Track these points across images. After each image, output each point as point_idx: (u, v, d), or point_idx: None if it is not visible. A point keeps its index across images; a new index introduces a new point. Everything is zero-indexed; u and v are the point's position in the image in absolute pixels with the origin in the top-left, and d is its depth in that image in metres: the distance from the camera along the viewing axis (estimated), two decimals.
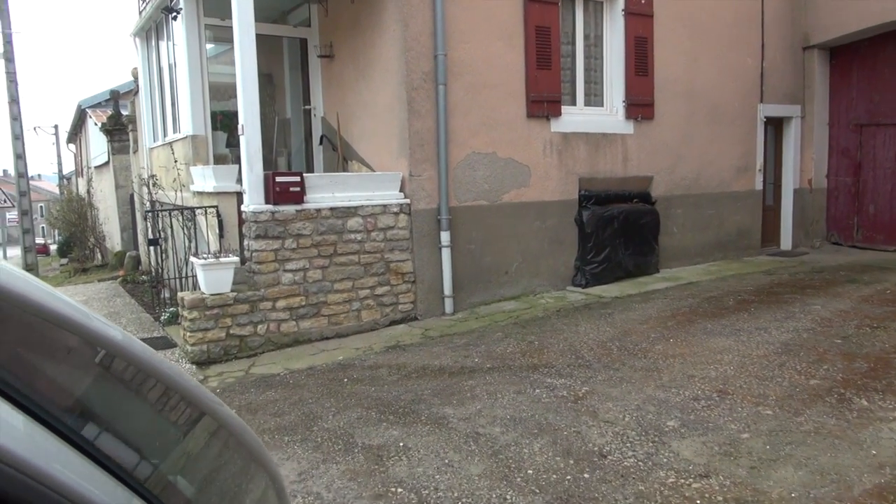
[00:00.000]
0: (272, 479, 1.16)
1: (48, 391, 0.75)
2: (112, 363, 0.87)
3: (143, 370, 0.91)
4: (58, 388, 0.79)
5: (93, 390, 0.86)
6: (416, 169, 7.09)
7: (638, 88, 8.71)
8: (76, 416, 0.78)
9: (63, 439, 0.71)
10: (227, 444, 1.07)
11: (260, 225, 6.27)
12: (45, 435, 0.69)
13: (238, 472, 1.10)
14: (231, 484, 1.07)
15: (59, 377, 0.81)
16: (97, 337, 0.84)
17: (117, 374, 0.90)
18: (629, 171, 8.77)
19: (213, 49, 9.79)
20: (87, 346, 0.83)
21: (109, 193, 16.72)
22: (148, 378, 0.93)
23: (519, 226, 7.86)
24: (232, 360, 6.19)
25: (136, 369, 0.90)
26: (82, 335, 0.82)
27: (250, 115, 6.27)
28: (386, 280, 7.00)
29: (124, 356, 0.88)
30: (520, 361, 5.47)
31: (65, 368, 0.83)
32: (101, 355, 0.85)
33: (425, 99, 7.08)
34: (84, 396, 0.83)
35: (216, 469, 1.05)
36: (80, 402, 0.81)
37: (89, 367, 0.85)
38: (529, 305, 7.59)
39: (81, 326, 0.82)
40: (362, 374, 5.47)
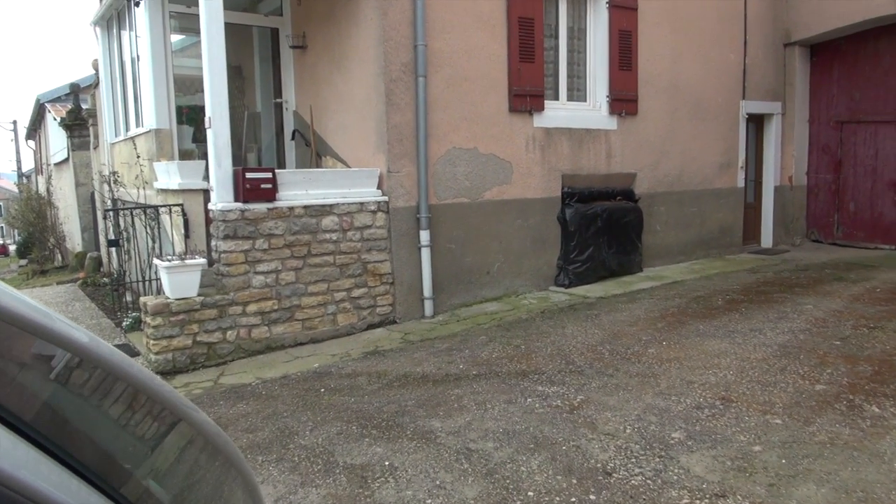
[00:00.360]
0: (249, 487, 1.13)
1: (12, 395, 0.73)
2: (78, 366, 0.85)
3: (111, 374, 0.89)
4: (22, 392, 0.76)
5: (59, 394, 0.83)
6: (394, 165, 6.74)
7: (622, 83, 8.48)
8: (43, 421, 0.75)
9: (31, 443, 0.70)
10: (202, 450, 1.05)
11: (229, 224, 5.87)
12: (11, 438, 0.68)
13: (215, 479, 1.08)
14: (209, 491, 1.06)
15: (23, 381, 0.77)
16: (61, 340, 0.81)
17: (84, 378, 0.87)
18: (613, 167, 8.55)
19: (179, 42, 9.34)
20: (50, 348, 0.80)
21: (69, 191, 16.02)
22: (117, 382, 0.90)
23: (501, 224, 7.57)
24: (199, 370, 5.79)
25: (104, 373, 0.88)
26: (46, 338, 0.79)
27: (218, 107, 5.87)
28: (363, 282, 6.65)
29: (91, 359, 0.85)
30: (507, 367, 5.17)
31: (29, 371, 0.80)
32: (66, 358, 0.82)
33: (404, 91, 6.74)
34: (50, 400, 0.80)
35: (193, 476, 1.03)
36: (46, 405, 0.79)
37: (54, 370, 0.82)
38: (512, 307, 7.30)
39: (44, 329, 0.79)
40: (340, 383, 5.12)
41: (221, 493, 1.08)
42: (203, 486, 1.05)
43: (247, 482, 1.14)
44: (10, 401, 0.72)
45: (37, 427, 0.73)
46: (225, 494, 1.09)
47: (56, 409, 0.80)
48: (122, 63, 9.40)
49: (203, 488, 1.05)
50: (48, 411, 0.78)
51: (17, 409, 0.72)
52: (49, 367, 0.81)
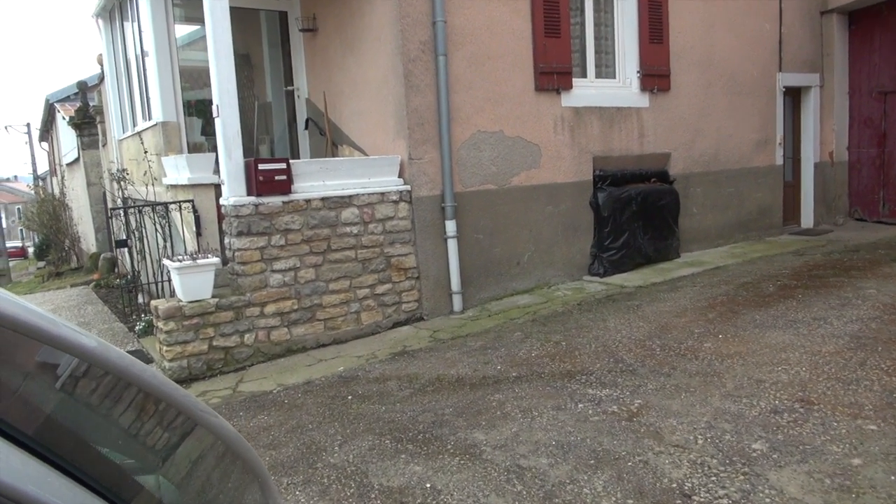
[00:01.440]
0: (269, 494, 1.10)
1: (16, 406, 0.71)
2: (86, 373, 0.82)
3: (122, 380, 0.86)
4: (27, 402, 0.73)
5: (66, 403, 0.80)
6: (415, 151, 6.29)
7: (653, 57, 7.95)
8: (50, 432, 0.73)
9: (38, 457, 0.68)
10: (222, 457, 1.02)
11: (242, 220, 5.46)
12: (17, 453, 0.66)
13: (235, 486, 1.05)
14: (229, 499, 1.03)
15: (28, 390, 0.75)
16: (67, 346, 0.78)
17: (92, 385, 0.85)
18: (646, 147, 8.04)
19: (185, 37, 8.96)
20: (56, 356, 0.78)
21: (82, 192, 15.74)
22: (128, 388, 0.88)
23: (530, 212, 7.11)
24: (217, 376, 5.40)
25: (114, 379, 0.86)
26: (51, 344, 0.77)
27: (226, 94, 5.44)
28: (387, 277, 6.22)
29: (100, 365, 0.83)
30: (550, 367, 4.73)
31: (33, 381, 0.77)
32: (73, 365, 0.80)
33: (424, 72, 6.28)
34: (56, 410, 0.78)
35: (211, 484, 1.00)
36: (52, 416, 0.76)
37: (60, 378, 0.79)
38: (546, 299, 6.85)
39: (51, 336, 0.76)
40: (368, 388, 4.71)
41: (242, 501, 1.04)
42: (223, 496, 1.00)
43: (266, 489, 1.09)
44: (13, 412, 0.69)
45: (43, 439, 0.69)
46: (246, 502, 1.05)
47: (63, 419, 0.77)
48: (126, 55, 9.01)
49: (223, 497, 1.00)
50: (54, 422, 0.75)
51: (22, 420, 0.69)
52: (55, 375, 0.78)
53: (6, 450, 0.64)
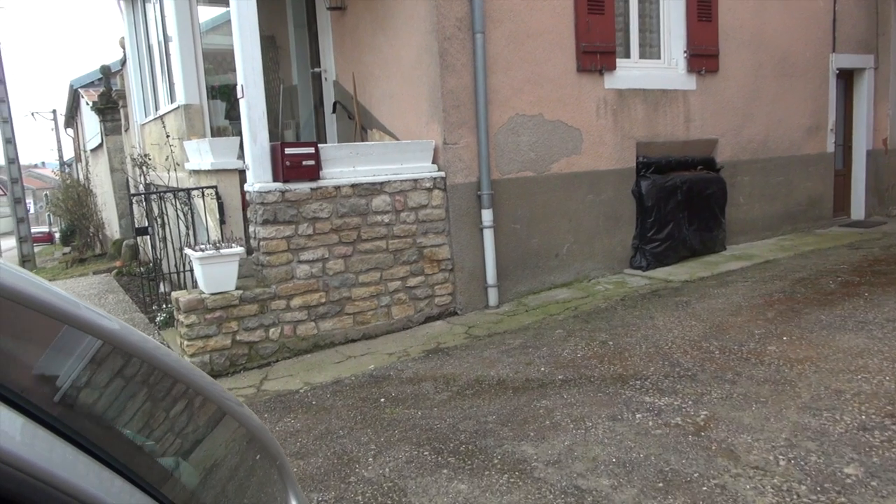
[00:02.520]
0: (287, 478, 1.10)
1: (44, 389, 0.71)
2: (109, 355, 0.82)
3: (146, 363, 0.86)
4: (53, 384, 0.73)
5: (91, 386, 0.80)
6: (451, 135, 5.92)
7: (701, 36, 7.47)
8: (77, 415, 0.73)
9: (60, 436, 0.67)
10: (243, 443, 1.01)
11: (268, 207, 5.14)
12: (47, 435, 0.65)
13: (259, 479, 1.03)
14: (254, 491, 1.02)
15: (54, 371, 0.74)
16: (92, 328, 0.79)
17: (116, 367, 0.84)
18: (692, 133, 7.57)
19: (207, 23, 8.68)
20: (82, 337, 0.78)
21: (105, 177, 15.62)
22: (154, 372, 0.88)
23: (570, 200, 6.70)
24: (240, 373, 5.11)
25: (138, 362, 0.85)
26: (77, 326, 0.77)
27: (251, 73, 5.11)
28: (419, 269, 5.88)
29: (123, 348, 0.83)
30: (599, 370, 4.35)
31: (59, 362, 0.75)
32: (97, 347, 0.80)
33: (460, 50, 5.89)
34: (82, 393, 0.77)
35: (230, 468, 0.98)
36: (76, 397, 0.76)
37: (84, 360, 0.78)
38: (586, 293, 6.46)
39: (76, 318, 0.77)
40: (402, 390, 4.37)
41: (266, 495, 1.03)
42: (243, 479, 1.00)
43: (283, 473, 1.09)
44: (36, 391, 0.68)
45: (70, 422, 0.69)
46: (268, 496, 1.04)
47: (86, 399, 0.76)
48: (148, 38, 8.73)
49: (244, 481, 1.00)
50: (77, 401, 0.75)
51: (44, 399, 0.69)
52: (78, 355, 0.77)
53: (33, 430, 0.64)
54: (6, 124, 16.36)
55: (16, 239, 17.04)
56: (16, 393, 0.66)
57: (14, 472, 0.57)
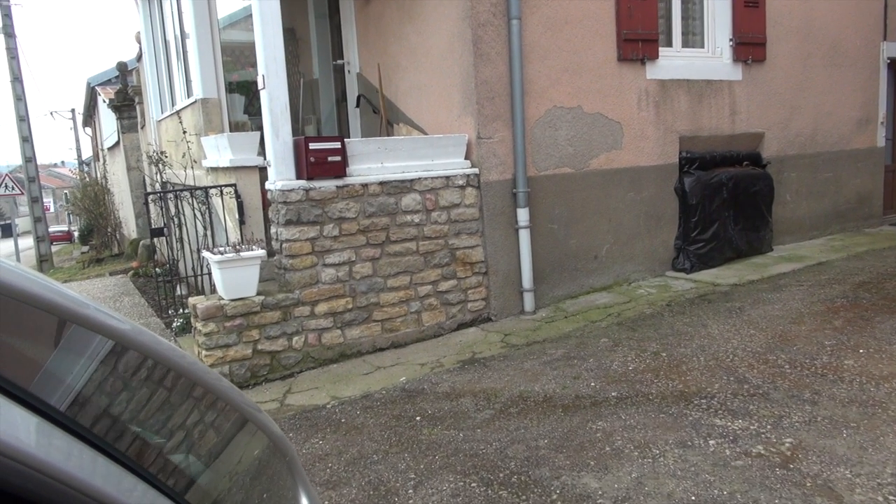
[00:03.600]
0: (298, 475, 1.10)
1: (53, 386, 0.70)
2: (123, 355, 0.81)
3: (159, 363, 0.85)
4: (62, 383, 0.72)
5: (101, 383, 0.79)
6: (485, 129, 5.52)
7: (747, 23, 7.00)
8: (84, 413, 0.72)
9: (77, 438, 0.67)
10: (270, 456, 1.01)
11: (291, 207, 4.78)
12: (63, 435, 0.65)
13: (280, 490, 1.03)
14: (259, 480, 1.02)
15: (63, 372, 0.73)
16: (104, 329, 0.78)
17: (129, 367, 0.83)
18: (737, 126, 7.11)
19: (224, 19, 8.38)
20: (93, 338, 0.77)
21: (122, 176, 15.41)
22: (168, 372, 0.87)
23: (609, 198, 6.29)
24: (261, 385, 4.76)
25: (152, 363, 0.85)
26: (88, 327, 0.76)
27: (273, 62, 4.75)
28: (451, 272, 5.49)
29: (136, 348, 0.82)
30: (656, 386, 3.94)
31: (71, 362, 0.75)
32: (109, 347, 0.79)
33: (495, 38, 5.49)
34: (90, 390, 0.76)
35: (240, 464, 0.98)
36: (86, 396, 0.74)
37: (97, 359, 0.77)
38: (628, 298, 6.04)
39: (86, 318, 0.76)
40: (439, 407, 3.99)
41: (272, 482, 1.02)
42: (259, 484, 0.99)
43: (294, 470, 1.08)
44: (46, 388, 0.67)
45: (83, 423, 0.69)
46: None
47: (100, 403, 0.75)
48: (164, 30, 8.42)
49: (259, 486, 0.99)
50: (92, 406, 0.74)
51: (56, 402, 0.68)
52: (92, 355, 0.76)
53: (48, 430, 0.63)
54: (23, 122, 16.21)
55: (33, 238, 16.91)
56: (26, 391, 0.65)
57: (29, 470, 0.56)
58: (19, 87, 16.10)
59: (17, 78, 16.02)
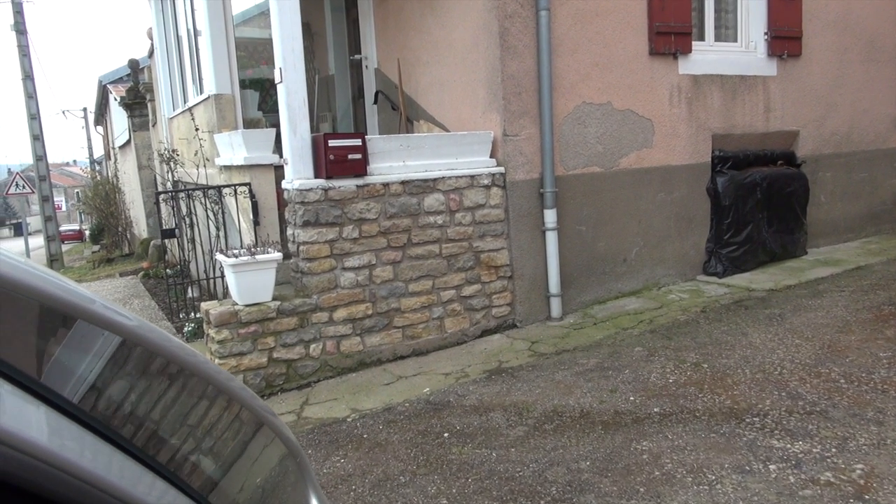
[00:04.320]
0: (306, 473, 1.10)
1: (63, 379, 0.68)
2: (131, 351, 0.81)
3: (164, 359, 0.85)
4: (72, 376, 0.70)
5: (109, 378, 0.77)
6: (511, 126, 5.26)
7: (783, 16, 6.69)
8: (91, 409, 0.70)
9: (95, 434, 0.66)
10: (264, 440, 1.01)
11: (309, 207, 4.54)
12: (74, 428, 0.64)
13: (275, 467, 1.03)
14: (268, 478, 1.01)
15: (74, 366, 0.72)
16: (109, 324, 0.77)
17: (135, 362, 0.82)
18: (771, 124, 6.80)
19: (239, 15, 8.16)
20: (98, 332, 0.76)
21: (133, 175, 15.25)
22: (173, 367, 0.87)
23: (639, 199, 6.00)
24: (277, 395, 4.52)
25: (162, 359, 0.85)
26: (92, 322, 0.75)
27: (290, 53, 4.50)
28: (475, 276, 5.23)
29: (142, 344, 0.81)
30: (702, 402, 3.66)
31: (78, 356, 0.74)
32: (117, 342, 0.78)
33: (522, 30, 5.22)
34: (100, 385, 0.74)
35: (250, 461, 0.98)
36: (92, 394, 0.72)
37: (101, 357, 0.76)
38: (659, 303, 5.75)
39: (92, 314, 0.75)
40: (467, 422, 3.73)
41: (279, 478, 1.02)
42: (263, 474, 0.99)
43: (302, 468, 1.09)
44: (55, 380, 0.67)
45: (87, 418, 0.67)
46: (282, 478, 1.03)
47: (106, 399, 0.74)
48: (177, 25, 8.21)
49: (263, 475, 0.99)
50: (97, 402, 0.72)
51: (65, 387, 0.67)
52: (100, 349, 0.76)
53: (59, 421, 0.62)
54: (34, 120, 16.09)
55: (44, 237, 16.79)
56: (38, 383, 0.64)
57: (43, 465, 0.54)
58: (31, 85, 15.98)
59: (28, 76, 15.90)
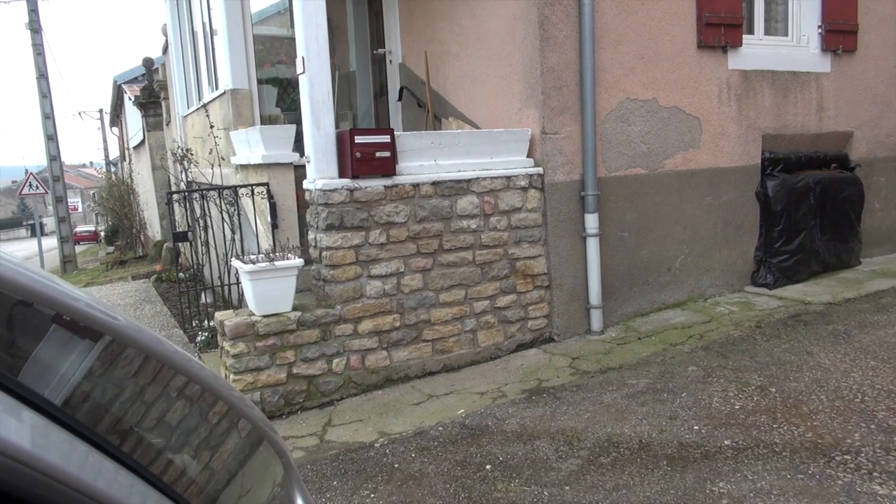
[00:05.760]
0: (292, 475, 1.08)
1: (50, 383, 0.67)
2: (121, 352, 0.79)
3: (154, 360, 0.83)
4: (58, 378, 0.69)
5: (96, 380, 0.75)
6: (550, 124, 4.85)
7: (838, 8, 6.24)
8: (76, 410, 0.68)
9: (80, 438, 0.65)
10: (247, 438, 0.99)
11: (333, 209, 4.15)
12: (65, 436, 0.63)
13: (259, 467, 1.00)
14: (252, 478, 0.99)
15: (58, 366, 0.70)
16: (97, 323, 0.75)
17: (125, 364, 0.80)
18: (824, 125, 6.34)
19: (256, 14, 7.82)
20: (87, 332, 0.74)
21: (147, 176, 14.98)
22: (173, 374, 0.85)
23: (685, 203, 5.57)
24: (297, 414, 4.12)
25: (155, 362, 0.83)
26: (82, 321, 0.73)
27: (314, 41, 4.12)
28: (510, 286, 4.82)
29: (131, 344, 0.79)
30: (778, 433, 3.22)
31: (64, 356, 0.72)
32: (105, 342, 0.76)
33: (563, 19, 4.81)
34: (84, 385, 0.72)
35: (234, 461, 0.96)
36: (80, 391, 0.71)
37: (90, 354, 0.74)
38: (706, 317, 5.31)
39: (80, 313, 0.73)
40: (511, 452, 3.31)
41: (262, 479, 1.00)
42: (245, 472, 0.96)
43: (288, 470, 1.06)
44: (41, 383, 0.65)
45: (71, 420, 0.65)
46: None
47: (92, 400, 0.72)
48: (192, 20, 7.88)
49: (247, 475, 0.97)
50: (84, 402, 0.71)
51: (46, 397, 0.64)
52: (85, 349, 0.74)
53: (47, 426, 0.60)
54: (48, 120, 15.89)
55: (57, 238, 16.57)
56: (21, 385, 0.62)
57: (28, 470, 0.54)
58: (45, 84, 15.78)
59: (42, 75, 15.70)
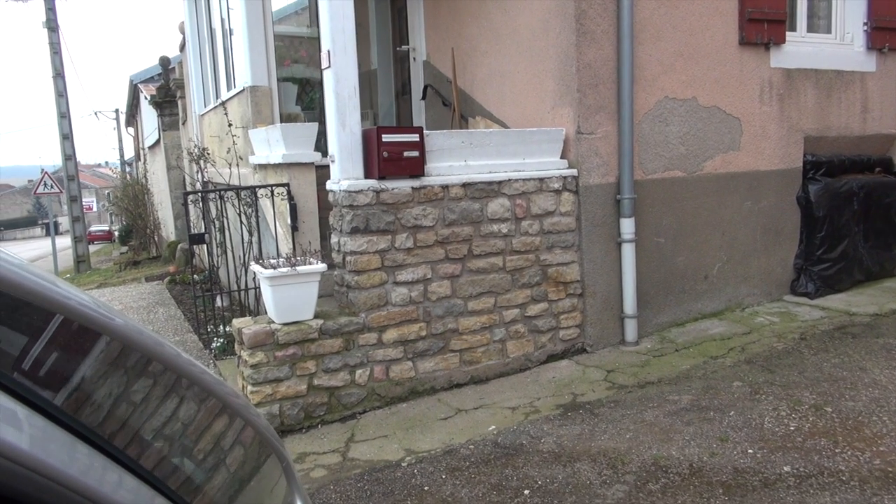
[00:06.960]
0: (292, 480, 1.07)
1: (52, 384, 0.68)
2: (123, 354, 0.79)
3: (154, 361, 0.83)
4: (59, 379, 0.70)
5: (96, 380, 0.76)
6: (586, 123, 4.60)
7: (885, 5, 5.94)
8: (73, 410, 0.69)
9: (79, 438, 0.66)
10: (246, 439, 0.98)
11: (358, 212, 3.92)
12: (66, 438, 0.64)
13: (259, 470, 0.99)
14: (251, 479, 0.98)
15: (59, 367, 0.71)
16: (95, 324, 0.75)
17: (125, 365, 0.80)
18: (868, 126, 6.05)
19: (276, 13, 7.64)
20: (89, 333, 0.75)
21: (162, 175, 14.87)
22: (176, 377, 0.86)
23: (723, 208, 5.30)
24: (317, 428, 3.90)
25: (157, 365, 0.83)
26: (82, 322, 0.74)
27: (340, 34, 3.90)
28: (542, 293, 4.57)
29: (131, 346, 0.80)
30: (843, 460, 2.96)
31: (65, 357, 0.73)
32: (105, 343, 0.76)
33: (601, 14, 4.57)
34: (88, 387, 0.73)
35: (233, 464, 0.96)
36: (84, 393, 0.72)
37: (95, 357, 0.75)
38: (746, 328, 5.04)
39: (80, 314, 0.74)
40: (550, 475, 3.07)
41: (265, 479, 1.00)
42: (245, 475, 0.97)
43: (289, 474, 1.06)
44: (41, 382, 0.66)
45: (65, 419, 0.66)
46: None
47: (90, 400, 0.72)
48: (210, 16, 7.71)
49: (247, 477, 0.97)
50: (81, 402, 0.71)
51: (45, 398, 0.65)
52: (88, 351, 0.74)
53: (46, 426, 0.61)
54: (64, 119, 15.82)
55: (71, 238, 16.50)
56: (20, 383, 0.63)
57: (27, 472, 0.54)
58: (61, 83, 15.71)
59: (59, 73, 15.63)
